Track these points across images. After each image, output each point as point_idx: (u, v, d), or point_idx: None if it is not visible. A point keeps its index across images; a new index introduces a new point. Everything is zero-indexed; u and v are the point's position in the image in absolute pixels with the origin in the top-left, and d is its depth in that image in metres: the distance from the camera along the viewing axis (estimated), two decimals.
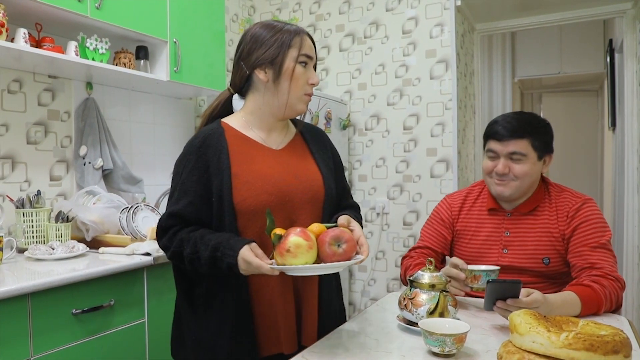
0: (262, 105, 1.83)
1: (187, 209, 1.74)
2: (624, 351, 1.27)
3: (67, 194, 3.29)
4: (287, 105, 1.80)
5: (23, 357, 2.09)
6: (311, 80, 1.80)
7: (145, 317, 2.66)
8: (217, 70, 3.83)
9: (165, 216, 1.77)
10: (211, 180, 1.74)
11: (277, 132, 1.90)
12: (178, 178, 1.79)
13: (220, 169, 1.74)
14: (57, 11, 2.71)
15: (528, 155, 2.13)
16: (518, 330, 1.37)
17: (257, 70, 1.79)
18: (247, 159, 1.78)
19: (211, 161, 1.75)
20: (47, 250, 2.60)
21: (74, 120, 3.33)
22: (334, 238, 1.51)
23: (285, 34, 1.77)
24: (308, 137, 1.98)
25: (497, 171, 2.16)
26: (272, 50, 1.76)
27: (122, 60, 3.21)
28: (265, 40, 1.77)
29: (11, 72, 2.97)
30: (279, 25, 1.81)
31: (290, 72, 1.76)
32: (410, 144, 4.47)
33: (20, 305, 2.08)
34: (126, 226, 2.92)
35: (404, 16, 4.49)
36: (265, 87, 1.80)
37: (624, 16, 4.63)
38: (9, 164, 2.97)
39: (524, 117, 2.20)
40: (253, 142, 1.84)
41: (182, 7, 3.48)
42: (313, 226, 1.58)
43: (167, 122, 4.11)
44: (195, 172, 1.75)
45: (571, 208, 2.16)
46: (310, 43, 1.81)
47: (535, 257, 2.15)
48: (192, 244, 1.66)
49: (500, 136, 2.15)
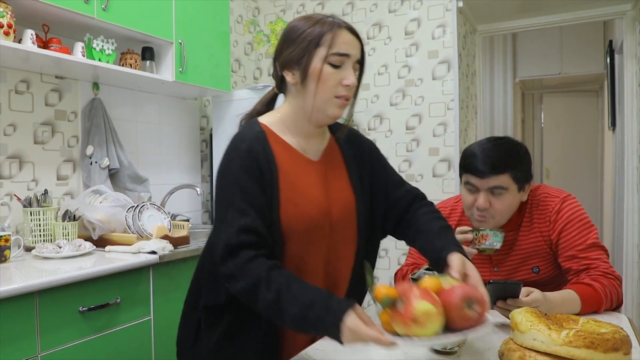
0: (296, 108, 1.64)
1: (258, 222, 1.49)
2: (624, 349, 1.26)
3: (74, 193, 3.29)
4: (315, 109, 1.59)
5: (30, 354, 2.09)
6: (345, 81, 1.55)
7: (151, 314, 2.67)
8: (222, 70, 3.83)
9: (235, 231, 1.45)
10: (265, 191, 1.55)
11: (315, 139, 1.71)
12: (233, 185, 1.53)
13: (271, 180, 1.56)
14: (64, 12, 2.71)
15: (509, 189, 2.02)
16: (519, 328, 1.37)
17: (285, 71, 1.61)
18: (292, 173, 1.61)
19: (263, 170, 1.55)
20: (54, 248, 2.60)
21: (81, 120, 3.33)
22: (466, 299, 1.23)
23: (316, 29, 1.55)
24: (342, 143, 1.79)
25: (478, 206, 2.05)
26: (299, 49, 1.56)
27: (128, 61, 3.22)
28: (294, 37, 1.58)
29: (19, 73, 2.97)
30: (314, 18, 1.59)
31: (317, 73, 1.54)
32: (412, 143, 4.46)
33: (27, 303, 2.08)
34: (132, 225, 2.92)
35: (406, 17, 4.47)
36: (295, 89, 1.62)
37: (624, 17, 4.61)
38: (16, 163, 2.97)
39: (503, 149, 2.06)
40: (294, 152, 1.65)
41: (187, 9, 3.48)
42: (426, 281, 1.30)
43: (172, 122, 4.11)
44: (253, 179, 1.54)
45: (551, 212, 2.09)
46: (346, 38, 1.56)
47: (525, 269, 2.13)
48: (274, 291, 1.35)
49: (480, 173, 2.02)
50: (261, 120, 1.68)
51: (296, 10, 4.94)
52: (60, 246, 2.63)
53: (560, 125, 8.82)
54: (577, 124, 8.67)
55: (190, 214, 4.18)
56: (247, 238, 1.45)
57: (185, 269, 2.88)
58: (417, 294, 1.19)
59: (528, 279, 2.11)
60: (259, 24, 4.92)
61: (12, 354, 2.03)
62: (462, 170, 2.13)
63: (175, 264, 2.82)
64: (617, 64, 5.42)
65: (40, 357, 2.12)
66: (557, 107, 8.95)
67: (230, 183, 1.54)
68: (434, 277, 1.31)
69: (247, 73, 5.00)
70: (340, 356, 1.51)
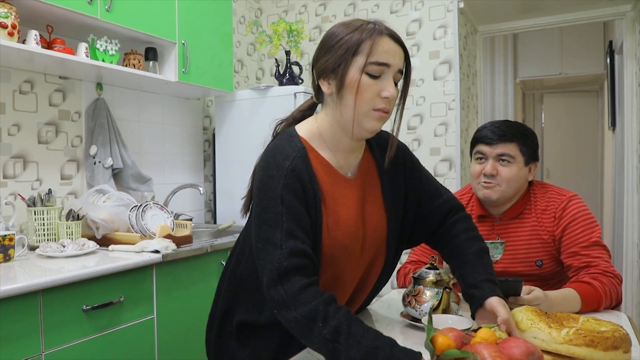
0: (332, 121, 1.52)
1: (308, 244, 1.40)
2: (624, 347, 1.27)
3: (78, 192, 3.29)
4: (353, 122, 1.47)
5: (34, 352, 2.09)
6: (383, 93, 1.44)
7: (154, 313, 2.66)
8: (224, 71, 3.82)
9: (287, 254, 1.34)
10: (310, 213, 1.46)
11: (352, 154, 1.61)
12: (277, 204, 1.40)
13: (315, 202, 1.47)
14: (68, 13, 2.70)
15: (516, 159, 2.10)
16: (520, 326, 1.38)
17: (321, 80, 1.51)
18: (331, 195, 1.52)
19: (307, 191, 1.45)
20: (58, 247, 2.59)
21: (85, 120, 3.33)
22: (529, 355, 1.17)
23: (355, 36, 1.44)
24: (377, 154, 1.68)
25: (485, 172, 2.12)
26: (335, 58, 1.45)
27: (131, 61, 3.22)
28: (332, 44, 1.47)
29: (23, 73, 2.96)
30: (354, 24, 1.47)
31: (353, 84, 1.42)
32: (414, 143, 4.45)
33: (31, 302, 2.08)
34: (135, 224, 2.92)
35: (407, 18, 4.47)
36: (332, 100, 1.50)
37: (624, 18, 4.60)
38: (20, 163, 2.96)
39: (512, 124, 2.17)
40: (333, 170, 1.55)
41: (190, 10, 3.47)
42: (483, 333, 1.25)
43: (175, 122, 4.11)
44: (299, 200, 1.43)
45: (557, 208, 2.12)
46: (387, 46, 1.44)
47: (527, 260, 2.13)
48: (332, 328, 1.24)
49: (489, 140, 2.13)
50: (300, 133, 1.56)
51: (298, 11, 4.94)
52: (64, 245, 2.62)
53: (561, 125, 8.81)
54: (578, 124, 8.66)
55: (193, 213, 4.18)
56: (299, 261, 1.35)
57: (188, 268, 2.88)
58: (491, 352, 1.12)
59: (531, 272, 2.13)
60: (261, 25, 4.92)
61: (17, 352, 2.02)
62: (473, 142, 2.22)
63: (178, 263, 2.81)
64: (617, 65, 5.42)
65: (44, 355, 2.12)
66: (558, 107, 8.95)
67: (274, 202, 1.41)
68: (488, 329, 1.26)
69: (250, 73, 5.00)
70: None
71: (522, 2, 4.60)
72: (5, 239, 2.42)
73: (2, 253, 2.42)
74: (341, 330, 1.24)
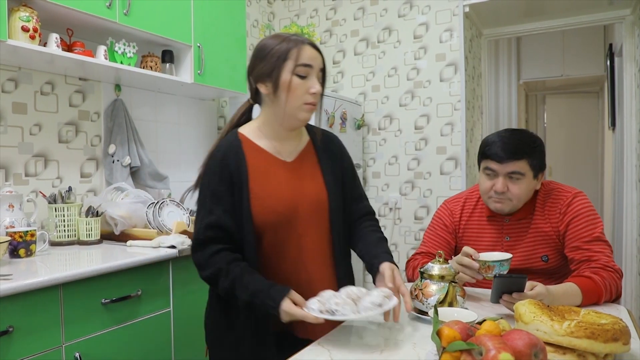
0: (270, 115, 1.80)
1: (223, 219, 1.71)
2: (623, 339, 1.28)
3: (97, 190, 3.28)
4: (287, 115, 1.75)
5: (55, 344, 2.08)
6: (311, 90, 1.72)
7: (170, 306, 2.65)
8: (238, 73, 3.81)
9: (203, 228, 1.72)
10: (234, 191, 1.73)
11: (289, 142, 1.86)
12: (206, 189, 1.75)
13: (240, 182, 1.73)
14: (88, 17, 2.70)
15: (526, 175, 2.06)
16: (523, 319, 1.39)
17: (259, 84, 1.76)
18: (262, 174, 1.77)
19: (233, 173, 1.73)
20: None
21: (103, 120, 3.32)
22: (533, 347, 1.16)
23: (283, 46, 1.71)
24: (318, 146, 1.93)
25: (496, 190, 2.08)
26: (269, 64, 1.71)
27: (148, 63, 3.21)
28: (265, 54, 1.73)
29: (44, 75, 2.96)
30: (281, 37, 1.75)
31: (286, 84, 1.69)
32: (421, 142, 4.44)
33: (52, 295, 2.07)
34: (152, 220, 2.91)
35: (415, 22, 4.45)
36: (269, 99, 1.77)
37: (623, 22, 4.57)
38: (42, 161, 2.96)
39: (521, 138, 2.10)
40: (267, 155, 1.81)
41: (205, 14, 3.45)
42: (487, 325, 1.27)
43: (191, 122, 4.09)
44: (224, 183, 1.73)
45: (562, 204, 2.11)
46: (309, 53, 1.72)
47: (534, 256, 2.12)
48: (230, 280, 1.64)
49: (499, 158, 2.06)
50: (240, 130, 1.85)
51: (309, 15, 4.93)
52: None
53: (563, 125, 8.78)
54: (579, 124, 8.63)
55: None
56: (212, 233, 1.70)
57: None
58: (495, 344, 1.12)
59: (537, 267, 2.12)
60: (274, 28, 4.91)
61: (38, 343, 2.01)
62: (482, 157, 2.17)
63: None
64: (617, 67, 5.38)
65: (64, 347, 2.11)
66: (560, 107, 8.92)
67: (204, 187, 1.77)
68: (492, 322, 1.29)
69: None
70: (354, 344, 1.53)
71: (526, 7, 4.58)
72: (27, 234, 2.41)
73: (24, 248, 2.41)
74: (236, 281, 1.63)
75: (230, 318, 1.79)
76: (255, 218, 1.72)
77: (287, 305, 1.53)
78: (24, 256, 2.41)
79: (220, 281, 1.66)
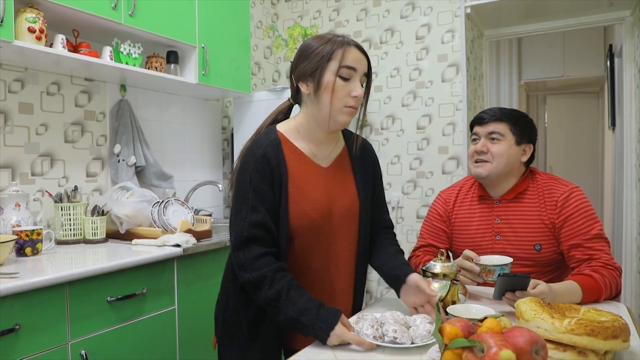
0: (310, 117, 1.74)
1: (267, 218, 1.65)
2: (623, 336, 1.28)
3: (102, 189, 3.28)
4: (328, 117, 1.68)
5: (61, 341, 2.08)
6: (353, 93, 1.65)
7: (175, 304, 2.65)
8: (242, 73, 3.80)
9: (248, 225, 1.62)
10: (274, 191, 1.68)
11: (325, 145, 1.81)
12: (247, 185, 1.66)
13: (280, 182, 1.68)
14: (93, 18, 2.69)
15: (506, 136, 2.14)
16: (524, 316, 1.40)
17: (300, 83, 1.71)
18: (300, 177, 1.72)
19: (274, 172, 1.68)
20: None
21: (109, 120, 3.32)
22: (533, 344, 1.16)
23: (328, 46, 1.65)
24: (353, 154, 1.88)
25: (476, 149, 2.18)
26: (313, 64, 1.66)
27: (153, 64, 3.21)
28: (309, 53, 1.68)
29: (50, 75, 2.96)
30: (327, 37, 1.69)
31: (329, 85, 1.64)
32: (423, 142, 4.43)
33: (58, 293, 2.07)
34: (157, 219, 2.91)
35: (417, 23, 4.44)
36: (309, 99, 1.71)
37: (623, 23, 4.55)
38: (48, 161, 2.96)
39: (507, 109, 2.21)
40: (305, 157, 1.76)
41: (210, 15, 3.45)
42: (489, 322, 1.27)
43: (195, 122, 4.09)
44: (266, 181, 1.67)
45: (559, 197, 2.10)
46: (354, 55, 1.66)
47: (527, 243, 2.12)
48: (275, 291, 1.55)
49: (482, 120, 2.19)
50: (278, 128, 1.78)
51: (312, 16, 4.92)
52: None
53: (563, 125, 8.76)
54: (579, 124, 8.62)
55: (213, 209, 4.17)
56: (258, 232, 1.62)
57: (207, 261, 2.87)
58: (497, 341, 1.11)
59: (529, 256, 2.12)
60: (277, 29, 4.90)
61: (44, 341, 2.01)
62: (471, 126, 2.28)
63: (198, 256, 2.80)
64: (617, 67, 5.36)
65: (70, 344, 2.11)
66: (560, 108, 8.90)
67: (245, 183, 1.67)
68: (494, 319, 1.27)
69: (267, 75, 4.98)
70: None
71: (526, 8, 4.56)
72: (33, 233, 2.41)
73: (31, 247, 2.41)
74: (282, 293, 1.54)
75: (247, 319, 1.77)
76: (292, 223, 1.68)
77: (340, 330, 1.47)
78: (31, 255, 2.41)
79: (263, 289, 1.57)
